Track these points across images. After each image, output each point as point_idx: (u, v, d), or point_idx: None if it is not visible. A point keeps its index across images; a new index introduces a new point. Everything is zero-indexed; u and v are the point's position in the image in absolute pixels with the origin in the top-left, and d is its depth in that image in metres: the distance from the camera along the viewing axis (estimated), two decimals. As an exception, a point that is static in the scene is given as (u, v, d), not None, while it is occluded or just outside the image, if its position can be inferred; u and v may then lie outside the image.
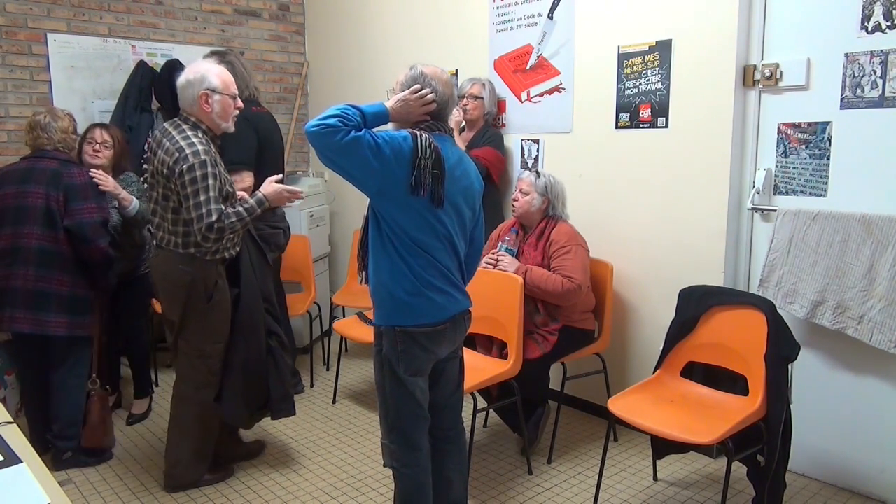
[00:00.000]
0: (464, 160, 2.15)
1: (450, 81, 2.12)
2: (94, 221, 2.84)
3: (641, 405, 2.51)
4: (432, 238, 2.03)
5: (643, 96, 3.13)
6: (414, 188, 1.94)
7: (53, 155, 2.92)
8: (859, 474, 2.71)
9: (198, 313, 2.64)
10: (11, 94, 4.01)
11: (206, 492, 2.80)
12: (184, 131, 2.54)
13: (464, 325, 2.20)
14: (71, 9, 4.16)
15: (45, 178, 2.84)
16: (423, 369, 2.12)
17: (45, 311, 2.82)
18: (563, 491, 2.80)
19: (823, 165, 2.69)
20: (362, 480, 2.90)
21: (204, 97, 2.56)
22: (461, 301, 2.15)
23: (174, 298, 2.64)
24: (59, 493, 1.31)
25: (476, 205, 2.20)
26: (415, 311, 2.04)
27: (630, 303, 3.29)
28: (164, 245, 2.62)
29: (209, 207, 2.48)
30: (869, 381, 2.64)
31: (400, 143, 1.95)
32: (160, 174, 2.54)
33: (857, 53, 2.54)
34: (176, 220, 2.57)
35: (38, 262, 2.81)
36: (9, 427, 1.59)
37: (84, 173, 2.93)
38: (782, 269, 2.74)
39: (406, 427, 2.14)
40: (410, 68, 2.10)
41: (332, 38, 4.95)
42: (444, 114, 2.12)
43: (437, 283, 2.05)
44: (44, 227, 2.82)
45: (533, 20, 3.57)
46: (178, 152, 2.48)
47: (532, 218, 3.07)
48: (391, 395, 2.13)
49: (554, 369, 3.06)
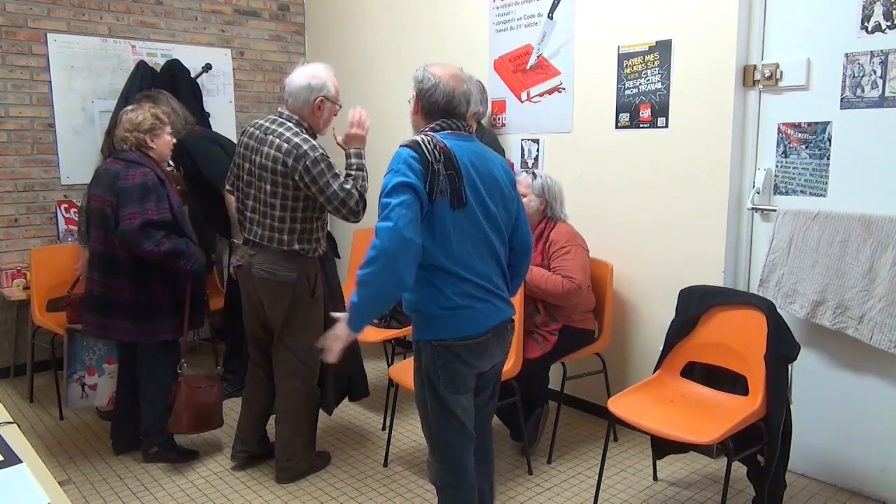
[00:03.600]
0: (486, 156, 2.00)
1: (458, 75, 2.00)
2: (132, 228, 2.71)
3: (641, 405, 2.51)
4: (465, 244, 1.91)
5: (643, 96, 3.13)
6: (429, 193, 1.83)
7: (123, 156, 2.88)
8: (859, 474, 2.71)
9: (304, 309, 2.71)
10: (11, 94, 4.01)
11: (206, 490, 2.81)
12: (292, 128, 2.60)
13: (507, 336, 2.06)
14: (71, 9, 4.16)
15: (105, 181, 2.84)
16: (466, 385, 1.99)
17: (109, 316, 2.86)
18: (563, 491, 2.80)
19: (823, 165, 2.69)
20: (362, 481, 2.90)
21: (319, 102, 2.65)
22: (503, 310, 2.01)
23: (280, 297, 2.68)
24: (59, 493, 1.31)
25: (509, 203, 2.04)
26: (453, 324, 1.92)
27: (630, 303, 3.29)
28: (265, 242, 2.64)
29: (346, 188, 2.55)
30: (869, 381, 2.64)
31: (409, 162, 1.84)
32: (265, 170, 2.58)
33: (857, 53, 2.54)
34: (283, 217, 2.60)
35: (101, 266, 2.87)
36: (9, 427, 1.59)
37: (139, 174, 2.79)
38: (782, 269, 2.74)
39: (449, 447, 2.02)
40: (415, 70, 2.03)
41: (332, 38, 4.95)
42: (456, 109, 1.98)
43: (475, 293, 1.93)
44: (103, 231, 2.85)
45: (533, 20, 3.57)
46: (295, 149, 2.53)
47: (531, 219, 3.05)
48: (433, 414, 2.00)
49: (554, 369, 3.06)
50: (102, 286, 2.86)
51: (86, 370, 3.14)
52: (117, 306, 2.84)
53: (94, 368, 3.15)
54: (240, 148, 2.73)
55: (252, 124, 2.71)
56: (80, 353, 3.12)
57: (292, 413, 2.81)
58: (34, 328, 3.75)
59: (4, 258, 4.05)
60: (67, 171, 4.19)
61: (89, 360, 3.15)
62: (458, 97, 1.98)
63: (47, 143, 4.14)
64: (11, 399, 3.80)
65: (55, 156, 4.17)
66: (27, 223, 4.13)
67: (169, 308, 2.90)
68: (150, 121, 2.89)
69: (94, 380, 3.17)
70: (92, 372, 3.16)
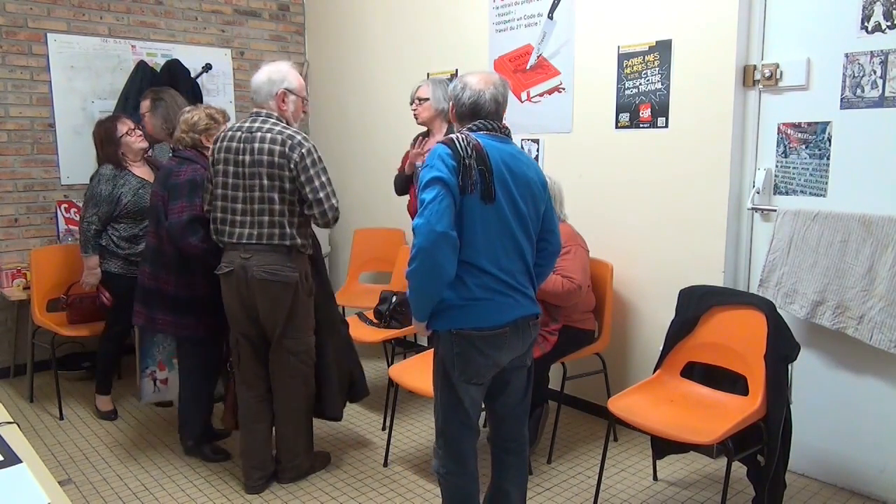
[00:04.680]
0: (520, 158, 2.08)
1: (489, 79, 2.09)
2: (180, 221, 2.79)
3: (641, 405, 2.51)
4: (491, 238, 1.97)
5: (643, 96, 3.13)
6: (461, 187, 1.92)
7: (179, 154, 2.96)
8: (859, 474, 2.71)
9: (303, 308, 2.70)
10: (11, 94, 4.01)
11: (206, 489, 2.81)
12: (278, 123, 2.61)
13: (529, 332, 2.10)
14: (71, 9, 4.16)
15: (161, 178, 2.96)
16: (480, 375, 2.04)
17: (154, 308, 2.95)
18: (563, 491, 2.80)
19: (823, 165, 2.69)
20: (362, 481, 2.90)
21: (283, 94, 2.64)
22: (525, 306, 2.06)
23: (283, 298, 2.63)
24: (59, 493, 1.30)
25: (539, 204, 2.11)
26: (471, 314, 1.98)
27: (630, 303, 3.29)
28: (263, 241, 2.59)
29: (332, 188, 2.59)
30: (869, 381, 2.64)
31: (444, 158, 1.93)
32: (260, 165, 2.55)
33: (857, 53, 2.54)
34: (283, 210, 2.58)
35: (152, 259, 2.97)
36: (9, 427, 1.59)
37: (190, 171, 2.85)
38: (782, 269, 2.74)
39: (451, 435, 2.09)
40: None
41: (332, 38, 4.95)
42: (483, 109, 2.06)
43: (495, 286, 1.99)
44: (156, 225, 2.95)
45: (533, 20, 3.57)
46: (289, 139, 2.54)
47: None
48: (441, 399, 2.09)
49: (554, 369, 3.06)
50: (151, 279, 2.95)
51: (156, 365, 3.23)
52: (162, 299, 2.92)
53: (164, 363, 3.23)
54: (219, 155, 2.64)
55: (230, 128, 2.66)
56: (151, 349, 3.22)
57: (294, 413, 2.80)
58: (34, 328, 3.75)
59: (4, 258, 4.05)
60: (67, 171, 4.19)
61: (159, 355, 3.25)
62: (486, 99, 2.07)
63: (47, 143, 4.14)
64: (11, 399, 3.81)
65: (55, 156, 4.17)
66: (27, 223, 4.13)
67: (209, 304, 2.88)
68: (205, 121, 2.94)
69: (165, 374, 3.27)
70: (162, 367, 3.26)
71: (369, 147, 4.68)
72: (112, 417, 3.52)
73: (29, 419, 3.54)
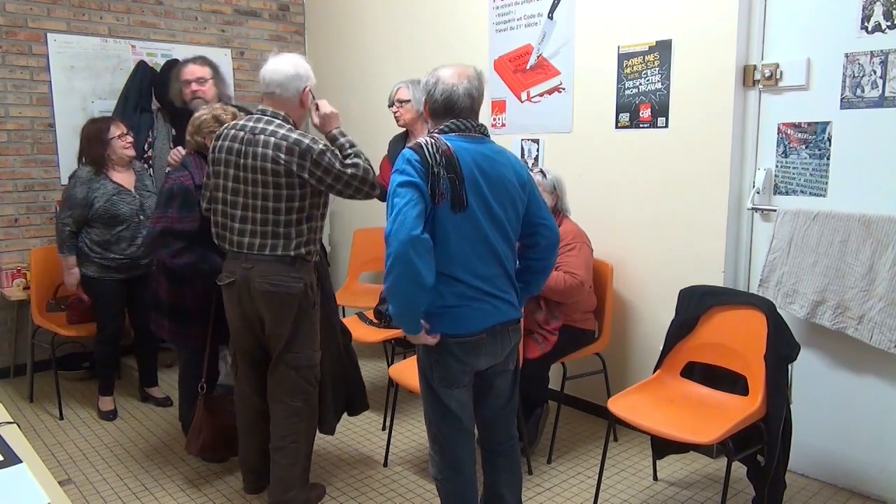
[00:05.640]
0: (496, 158, 1.99)
1: (463, 72, 2.01)
2: (153, 232, 2.69)
3: (641, 405, 2.51)
4: (465, 246, 1.92)
5: (643, 96, 3.13)
6: (431, 195, 1.85)
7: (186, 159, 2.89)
8: (859, 474, 2.71)
9: (308, 321, 2.48)
10: (11, 94, 4.01)
11: (206, 490, 2.80)
12: (283, 125, 2.39)
13: (508, 337, 2.06)
14: (71, 9, 4.16)
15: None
16: (458, 381, 2.02)
17: (157, 312, 2.94)
18: (563, 491, 2.80)
19: (823, 165, 2.69)
20: (362, 481, 2.90)
21: (307, 93, 2.47)
22: (504, 311, 2.02)
23: (287, 310, 2.42)
24: (59, 493, 1.31)
25: (517, 204, 2.02)
26: (446, 321, 1.95)
27: (630, 303, 3.29)
28: (266, 252, 2.39)
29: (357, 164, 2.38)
30: (869, 381, 2.64)
31: (412, 163, 1.87)
32: (263, 172, 2.34)
33: (857, 53, 2.54)
34: (290, 220, 2.38)
35: (156, 263, 2.98)
36: (9, 427, 1.59)
37: (172, 179, 2.75)
38: (782, 269, 2.74)
39: (444, 439, 2.07)
40: None
41: (332, 38, 4.95)
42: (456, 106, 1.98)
43: (471, 293, 1.95)
44: None
45: (533, 20, 3.57)
46: (296, 146, 2.32)
47: None
48: (428, 406, 2.09)
49: (554, 369, 3.06)
50: (155, 282, 2.95)
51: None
52: (159, 304, 2.91)
53: None
54: (219, 154, 2.44)
55: (231, 126, 2.46)
56: None
57: (293, 438, 2.52)
58: (34, 328, 3.75)
59: (4, 258, 4.05)
60: (67, 171, 4.15)
61: None
62: (459, 94, 1.98)
63: (47, 143, 4.14)
64: (11, 399, 3.81)
65: (55, 156, 4.17)
66: (27, 223, 4.13)
67: (198, 314, 2.81)
68: (210, 125, 2.76)
69: None
70: None
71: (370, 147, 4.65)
72: (112, 417, 3.52)
73: (29, 419, 3.54)
